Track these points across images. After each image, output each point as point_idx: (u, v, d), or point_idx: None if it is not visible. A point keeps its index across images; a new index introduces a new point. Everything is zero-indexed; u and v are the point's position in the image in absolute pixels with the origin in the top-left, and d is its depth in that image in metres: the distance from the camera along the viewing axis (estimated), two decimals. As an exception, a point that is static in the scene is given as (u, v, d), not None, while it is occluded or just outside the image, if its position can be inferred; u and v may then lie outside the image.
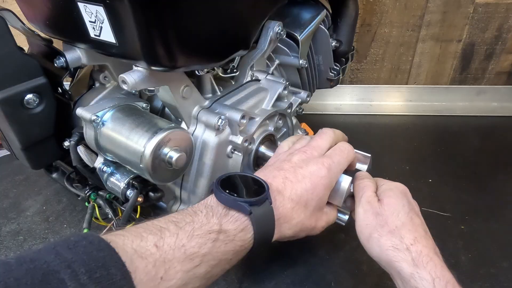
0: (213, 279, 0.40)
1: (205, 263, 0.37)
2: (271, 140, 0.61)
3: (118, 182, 0.52)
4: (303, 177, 0.46)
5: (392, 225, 0.42)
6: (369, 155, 0.51)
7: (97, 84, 0.59)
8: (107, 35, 0.44)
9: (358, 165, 0.51)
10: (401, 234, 0.41)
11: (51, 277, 0.27)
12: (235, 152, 0.55)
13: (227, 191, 0.41)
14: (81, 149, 0.56)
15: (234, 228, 0.40)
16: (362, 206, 0.46)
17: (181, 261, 0.35)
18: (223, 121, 0.51)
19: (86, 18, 0.44)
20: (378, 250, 0.42)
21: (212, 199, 0.42)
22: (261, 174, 0.47)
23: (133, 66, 0.46)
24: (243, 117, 0.52)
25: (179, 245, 0.36)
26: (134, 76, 0.45)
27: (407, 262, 0.39)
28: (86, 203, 0.58)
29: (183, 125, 0.54)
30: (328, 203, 0.50)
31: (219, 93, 0.58)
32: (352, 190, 0.49)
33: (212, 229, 0.39)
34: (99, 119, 0.50)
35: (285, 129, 0.64)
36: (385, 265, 0.42)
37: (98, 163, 0.53)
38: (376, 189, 0.48)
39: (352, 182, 0.50)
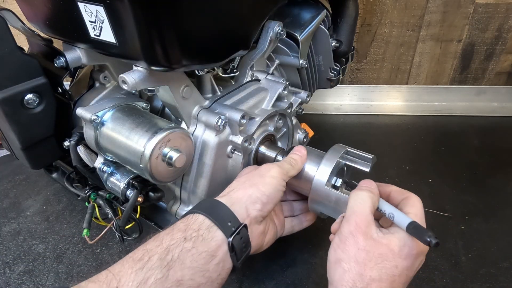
0: None
1: None
2: (271, 140, 0.61)
3: (118, 182, 0.52)
4: None
5: (368, 271, 0.38)
6: (371, 156, 0.50)
7: (97, 84, 0.59)
8: (107, 35, 0.44)
9: (361, 167, 0.51)
10: (369, 285, 0.37)
11: None
12: (235, 152, 0.55)
13: None
14: (81, 149, 0.56)
15: None
16: (349, 226, 0.40)
17: None
18: (223, 121, 0.51)
19: (86, 18, 0.44)
20: (336, 277, 0.39)
21: None
22: None
23: (133, 66, 0.46)
24: (243, 117, 0.52)
25: None
26: (134, 76, 0.45)
27: None
28: (86, 203, 0.58)
29: (183, 125, 0.54)
30: None
31: (219, 93, 0.58)
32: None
33: None
34: (99, 119, 0.50)
35: (285, 129, 0.64)
36: None
37: (98, 163, 0.53)
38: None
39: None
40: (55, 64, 0.52)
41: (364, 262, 0.38)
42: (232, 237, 0.41)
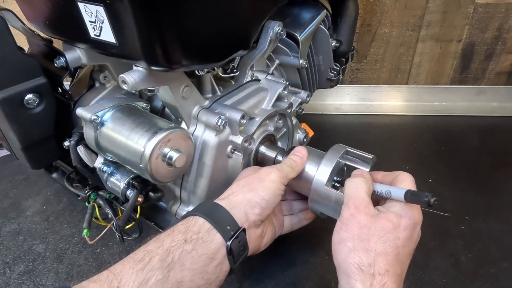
0: None
1: None
2: (271, 140, 0.61)
3: (118, 182, 0.52)
4: None
5: (373, 245, 0.38)
6: (371, 156, 0.50)
7: (97, 84, 0.59)
8: (107, 35, 0.44)
9: (361, 167, 0.51)
10: (376, 259, 0.38)
11: None
12: (235, 152, 0.55)
13: None
14: (81, 149, 0.56)
15: None
16: (349, 209, 0.42)
17: None
18: (223, 121, 0.51)
19: (86, 18, 0.44)
20: (343, 257, 0.40)
21: None
22: None
23: (133, 66, 0.46)
24: (243, 117, 0.52)
25: None
26: (134, 76, 0.45)
27: (363, 285, 0.37)
28: (86, 203, 0.58)
29: (183, 125, 0.54)
30: None
31: (219, 93, 0.58)
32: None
33: None
34: (99, 119, 0.50)
35: (285, 129, 0.64)
36: (341, 274, 0.40)
37: (98, 163, 0.53)
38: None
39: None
40: (55, 64, 0.52)
41: (368, 238, 0.39)
42: (230, 241, 0.41)
